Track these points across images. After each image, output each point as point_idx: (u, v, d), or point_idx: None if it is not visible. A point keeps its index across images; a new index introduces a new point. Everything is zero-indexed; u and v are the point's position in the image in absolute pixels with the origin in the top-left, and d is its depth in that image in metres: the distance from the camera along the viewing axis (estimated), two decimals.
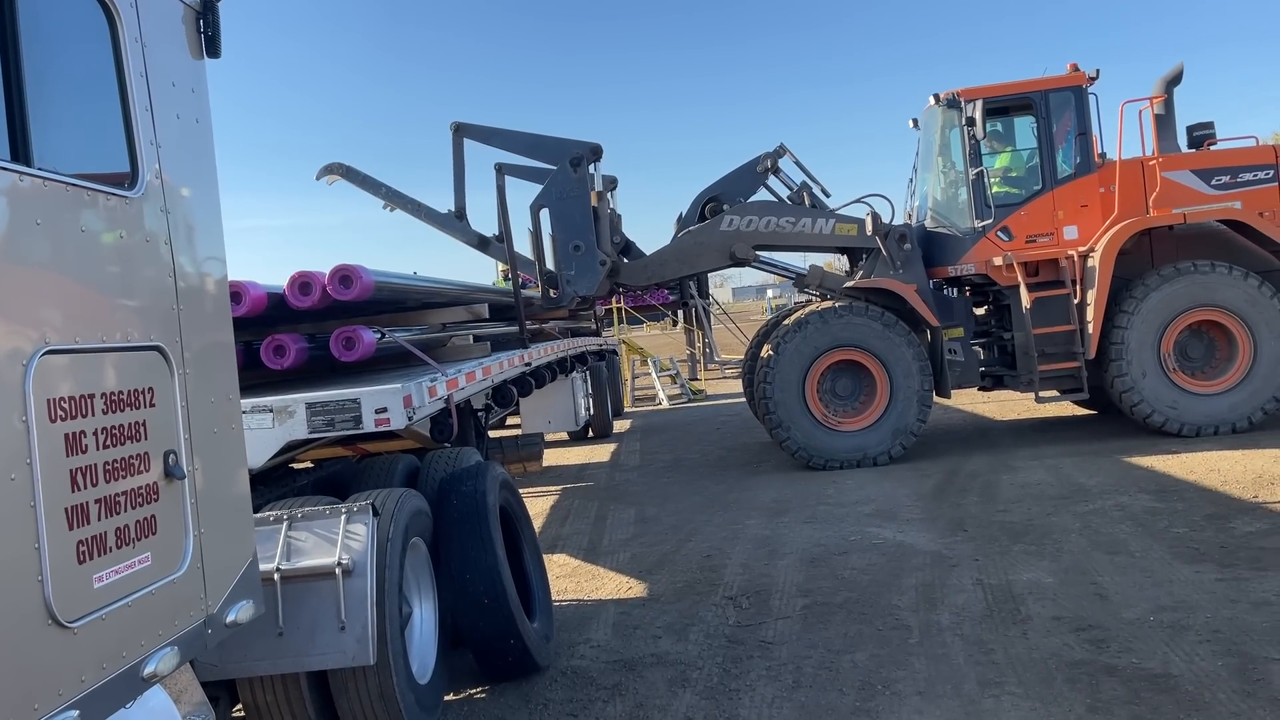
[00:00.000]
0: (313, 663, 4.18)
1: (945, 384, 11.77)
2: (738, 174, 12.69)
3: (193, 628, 3.04)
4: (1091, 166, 11.59)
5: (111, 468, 2.69)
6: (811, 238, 12.27)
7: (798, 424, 11.42)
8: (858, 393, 11.67)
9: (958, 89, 11.76)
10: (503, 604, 5.32)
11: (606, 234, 11.90)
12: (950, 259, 11.97)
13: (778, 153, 12.54)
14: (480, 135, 12.23)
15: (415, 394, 5.08)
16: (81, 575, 2.55)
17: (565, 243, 11.68)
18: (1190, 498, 8.44)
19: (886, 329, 11.38)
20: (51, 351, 2.50)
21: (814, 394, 11.49)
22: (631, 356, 23.00)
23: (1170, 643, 5.33)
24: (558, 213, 11.67)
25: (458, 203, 12.45)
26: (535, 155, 11.98)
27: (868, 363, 11.48)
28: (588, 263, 11.68)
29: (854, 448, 11.39)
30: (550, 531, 9.51)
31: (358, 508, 4.45)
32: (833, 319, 11.48)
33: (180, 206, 3.18)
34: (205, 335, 3.29)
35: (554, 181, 11.65)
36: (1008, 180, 12.05)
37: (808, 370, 11.45)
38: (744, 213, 12.18)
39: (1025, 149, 12.09)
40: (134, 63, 2.97)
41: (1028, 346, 11.46)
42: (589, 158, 11.69)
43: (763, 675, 5.43)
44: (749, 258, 12.35)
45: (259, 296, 5.37)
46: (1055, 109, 11.59)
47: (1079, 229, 11.53)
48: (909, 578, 6.92)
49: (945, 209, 12.35)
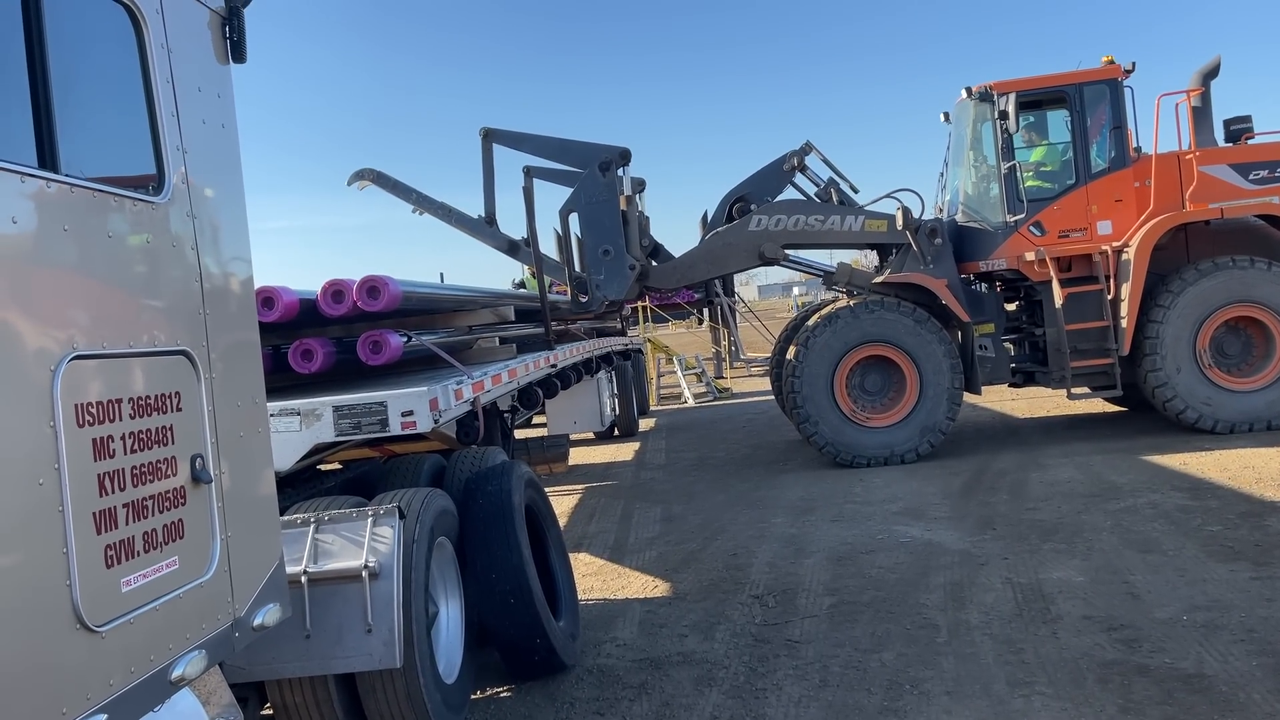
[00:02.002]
0: (339, 665, 4.20)
1: (976, 380, 11.67)
2: (764, 173, 12.63)
3: (220, 631, 3.05)
4: (1126, 161, 11.44)
5: (139, 472, 2.71)
6: (841, 235, 12.19)
7: (826, 419, 11.36)
8: (887, 389, 11.59)
9: (990, 82, 11.64)
10: (528, 603, 5.33)
11: (635, 238, 11.89)
12: (981, 254, 11.86)
13: (804, 150, 12.47)
14: (509, 140, 12.26)
15: (441, 397, 5.09)
16: (109, 579, 2.56)
17: (594, 247, 11.69)
18: (1224, 495, 8.32)
19: (917, 325, 11.30)
20: (79, 356, 2.52)
21: (843, 389, 11.42)
22: (657, 355, 22.98)
23: (1204, 642, 5.26)
24: (587, 217, 11.68)
25: (487, 208, 12.49)
26: (564, 160, 11.99)
27: (897, 359, 11.40)
28: (617, 267, 11.69)
29: (882, 444, 11.32)
30: (576, 530, 9.52)
31: (384, 510, 4.46)
32: (863, 314, 11.41)
33: (206, 211, 3.20)
34: (231, 339, 3.31)
35: (583, 186, 11.65)
36: (1040, 174, 11.92)
37: (837, 365, 11.38)
38: (772, 212, 12.12)
39: (1058, 143, 11.95)
40: (160, 68, 2.99)
41: (1060, 343, 11.33)
42: (618, 162, 11.70)
43: (789, 674, 5.41)
44: (778, 257, 12.30)
45: (291, 303, 5.41)
46: (1090, 102, 11.45)
47: (1113, 224, 11.39)
48: (937, 576, 6.87)
49: (977, 203, 12.24)
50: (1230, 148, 11.57)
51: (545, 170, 12.08)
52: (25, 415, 2.35)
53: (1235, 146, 11.58)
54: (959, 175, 12.65)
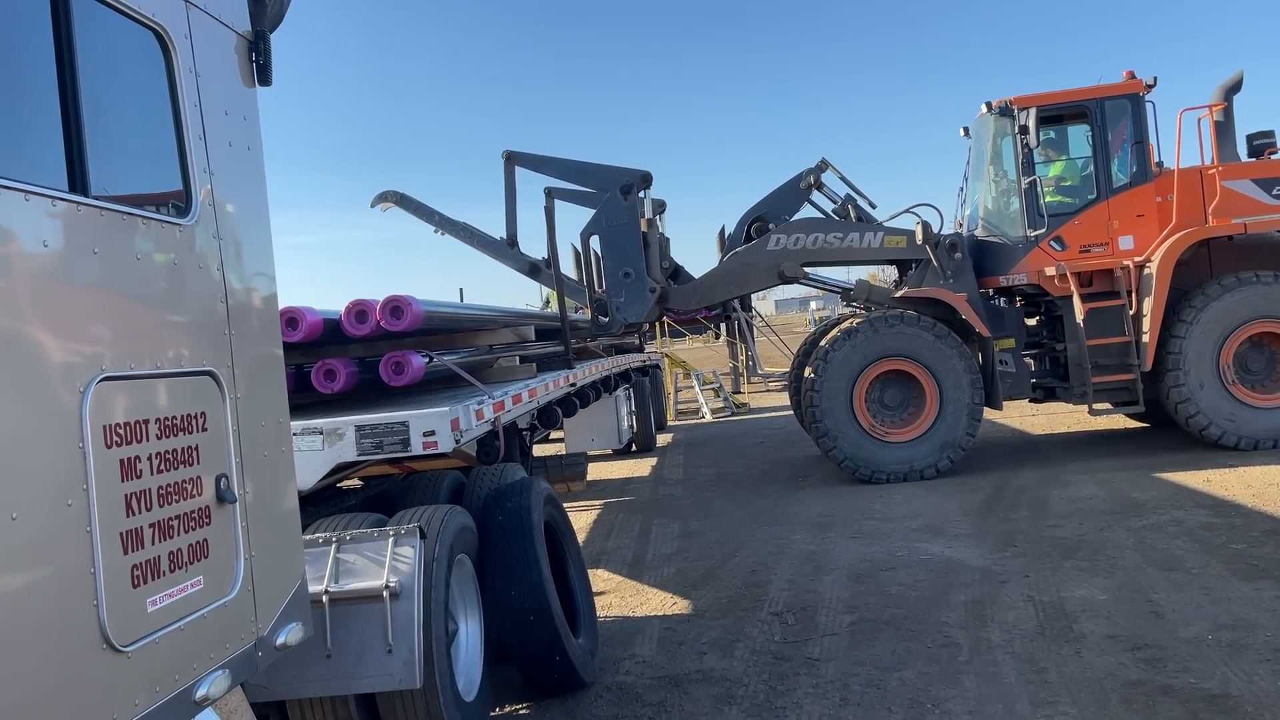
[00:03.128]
0: (360, 685, 4.21)
1: (996, 395, 11.60)
2: (781, 192, 12.65)
3: (244, 650, 3.07)
4: (1148, 175, 11.38)
5: (165, 492, 2.74)
6: (860, 252, 12.18)
7: (844, 433, 11.31)
8: (906, 404, 11.54)
9: (1010, 97, 11.63)
10: (548, 619, 5.33)
11: (656, 260, 11.93)
12: (1001, 269, 11.82)
13: (820, 168, 12.50)
14: (531, 163, 12.35)
15: (463, 417, 5.11)
16: (136, 599, 2.58)
17: (615, 270, 11.73)
18: (1248, 513, 8.25)
19: (938, 340, 11.25)
20: (107, 378, 2.55)
21: (862, 404, 11.38)
22: (674, 370, 22.97)
23: (1229, 662, 5.20)
24: (608, 240, 11.74)
25: (509, 229, 12.56)
26: (585, 183, 12.07)
27: (917, 373, 11.35)
28: (637, 290, 11.72)
29: (901, 459, 11.27)
30: (594, 546, 9.51)
31: (405, 530, 4.47)
32: (883, 328, 11.37)
33: (232, 232, 3.23)
34: (256, 359, 3.34)
35: (604, 209, 11.71)
36: (1061, 189, 11.89)
37: (856, 379, 11.34)
38: (790, 231, 12.12)
39: (1079, 158, 11.93)
40: (188, 92, 3.03)
41: (1081, 358, 11.27)
42: (639, 185, 11.76)
43: (809, 692, 5.38)
44: (797, 275, 12.29)
45: (315, 323, 5.45)
46: (1111, 117, 11.43)
47: (1135, 239, 11.33)
48: (958, 594, 6.83)
49: (997, 218, 12.20)
50: (1253, 163, 11.51)
51: (566, 191, 12.16)
52: (55, 436, 2.37)
53: (1258, 161, 11.52)
54: (979, 190, 12.63)
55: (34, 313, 2.35)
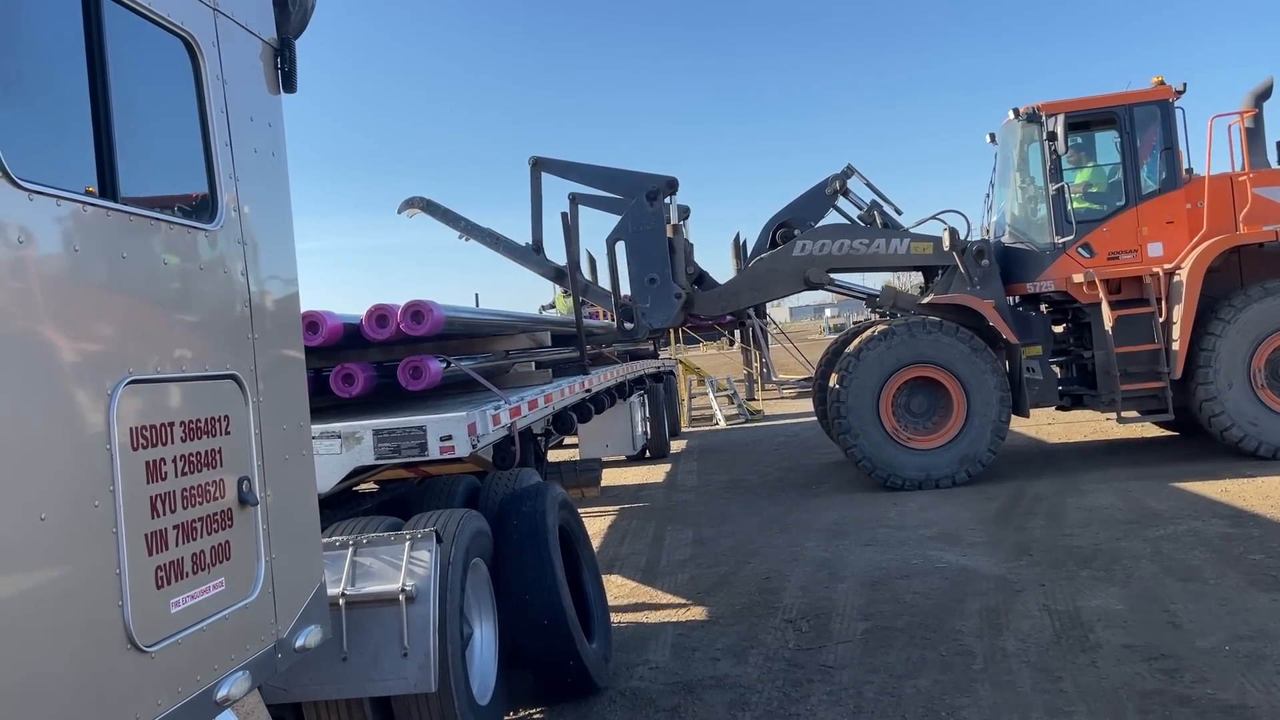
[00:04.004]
0: (376, 688, 4.23)
1: (1024, 403, 11.52)
2: (806, 198, 12.63)
3: (263, 652, 3.09)
4: (1178, 182, 11.33)
5: (189, 494, 2.77)
6: (886, 258, 12.15)
7: (867, 434, 11.26)
8: (932, 411, 11.47)
9: (1038, 103, 11.59)
10: (562, 624, 5.34)
11: (681, 266, 11.96)
12: (1029, 276, 11.77)
13: (846, 174, 12.47)
14: (557, 169, 12.40)
15: (480, 422, 5.13)
16: (159, 600, 2.61)
17: (641, 275, 11.76)
18: (1266, 524, 8.20)
19: (973, 351, 11.19)
20: (134, 381, 2.58)
21: (888, 407, 11.32)
22: (689, 376, 22.98)
23: (1246, 673, 5.18)
24: (634, 246, 11.76)
25: (535, 235, 12.60)
26: (611, 188, 12.10)
27: (947, 382, 11.28)
28: (663, 296, 11.74)
29: (920, 466, 11.22)
30: (608, 552, 9.52)
31: (422, 534, 4.49)
32: (919, 334, 11.31)
33: (256, 238, 3.26)
34: (279, 364, 3.37)
35: (630, 215, 11.74)
36: (1088, 196, 11.82)
37: (885, 382, 11.28)
38: (816, 237, 12.10)
39: (1107, 164, 11.87)
40: (215, 99, 3.07)
41: (1110, 366, 11.20)
42: (665, 191, 11.78)
43: (823, 700, 5.38)
44: (823, 281, 12.27)
45: (335, 327, 5.49)
46: (1140, 123, 11.37)
47: (1164, 246, 11.27)
48: (972, 602, 6.81)
49: (1024, 225, 12.16)
50: None
51: (591, 197, 12.21)
52: (83, 438, 2.41)
53: None
54: (1005, 196, 12.57)
55: (64, 316, 2.38)
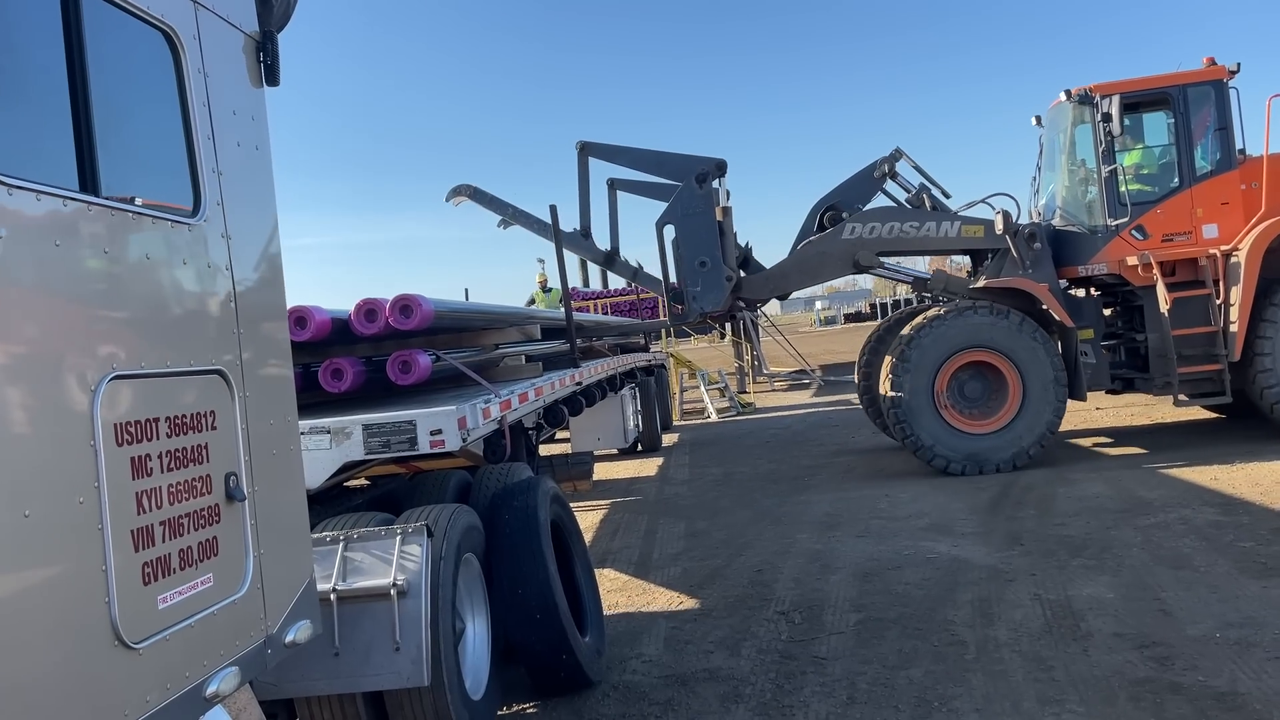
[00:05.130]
0: (368, 683, 4.22)
1: (1080, 387, 11.41)
2: (854, 181, 12.57)
3: (253, 648, 3.08)
4: (1233, 163, 11.25)
5: (175, 490, 2.75)
6: (936, 241, 12.11)
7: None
8: (985, 396, 11.39)
9: (1091, 84, 11.53)
10: (555, 618, 5.34)
11: (731, 249, 11.95)
12: (1080, 259, 11.70)
13: (894, 157, 12.40)
14: (605, 154, 12.36)
15: (470, 416, 5.12)
16: (147, 596, 2.60)
17: (691, 259, 11.72)
18: (1256, 511, 8.23)
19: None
20: (118, 376, 2.56)
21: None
22: (680, 370, 22.97)
23: (1237, 660, 5.20)
24: (683, 229, 11.73)
25: (583, 221, 12.55)
26: (660, 172, 12.06)
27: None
28: (714, 278, 11.72)
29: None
30: (600, 545, 9.52)
31: (413, 528, 4.48)
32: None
33: (241, 232, 3.25)
34: (265, 358, 3.35)
35: (679, 198, 11.71)
36: (1139, 178, 11.75)
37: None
38: (866, 220, 12.04)
39: (1157, 146, 11.81)
40: (197, 92, 3.05)
41: (1164, 349, 11.13)
42: (714, 173, 11.74)
43: (816, 691, 5.39)
44: (872, 265, 12.20)
45: (323, 322, 5.46)
46: (1194, 104, 11.29)
47: (1219, 227, 11.19)
48: (964, 593, 6.82)
49: (1074, 208, 12.12)
50: None
51: (631, 183, 12.19)
52: (67, 434, 2.39)
53: None
54: (1055, 179, 12.50)
55: (46, 312, 2.37)
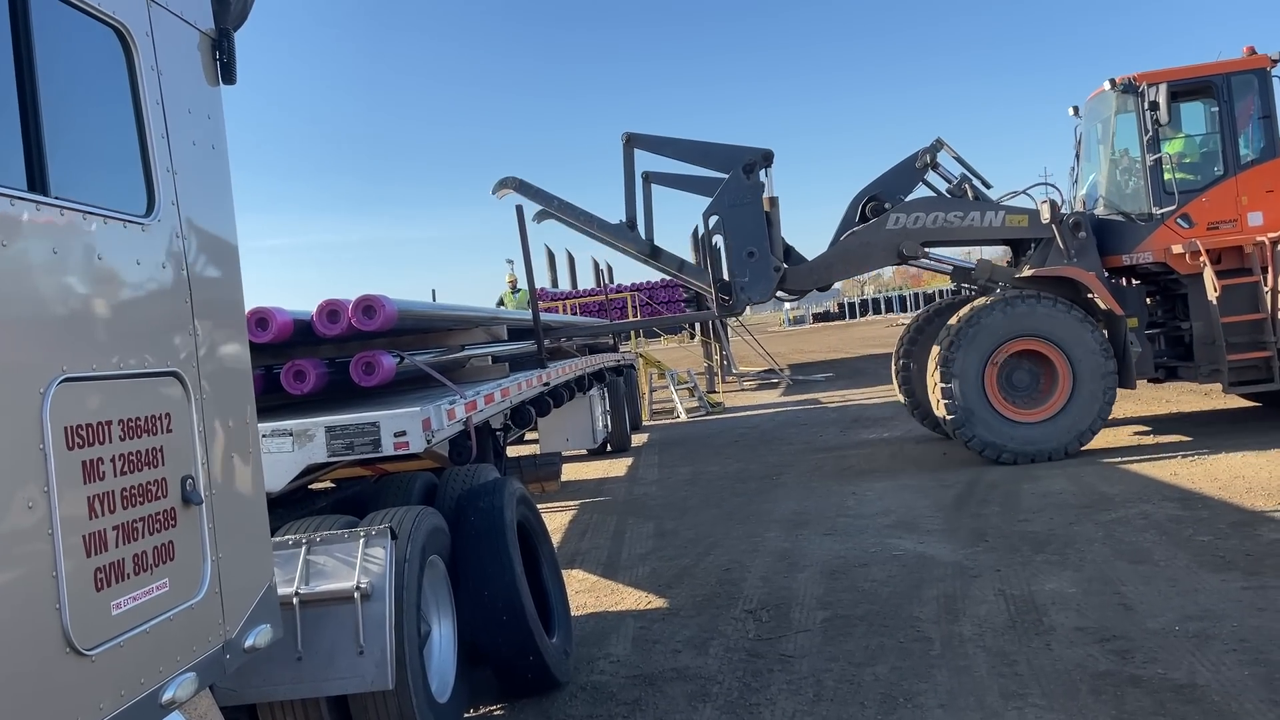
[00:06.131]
0: (331, 687, 4.18)
1: (1130, 375, 11.43)
2: (895, 171, 12.59)
3: (211, 653, 3.04)
4: (1277, 151, 11.35)
5: (129, 494, 2.71)
6: (981, 231, 12.14)
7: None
8: (1034, 385, 11.41)
9: (1134, 74, 11.60)
10: (521, 620, 5.32)
11: (779, 240, 11.98)
12: (1124, 247, 11.77)
13: (935, 147, 12.42)
14: (651, 145, 12.34)
15: (434, 417, 5.09)
16: (99, 602, 2.55)
17: (739, 249, 11.74)
18: (1215, 505, 8.35)
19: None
20: (69, 379, 2.52)
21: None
22: (649, 370, 22.99)
23: (1196, 652, 5.27)
24: (731, 219, 11.74)
25: (629, 213, 12.51)
26: (706, 163, 12.07)
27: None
28: (761, 269, 11.75)
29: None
30: (569, 546, 9.50)
31: (376, 531, 4.45)
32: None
33: (196, 232, 3.20)
34: (222, 360, 3.31)
35: (727, 188, 11.72)
36: (1182, 166, 11.80)
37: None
38: (910, 210, 12.07)
39: (1197, 135, 11.89)
40: (150, 90, 3.00)
41: (1210, 336, 11.18)
42: (761, 163, 11.76)
43: (783, 689, 5.40)
44: (917, 255, 12.22)
45: (285, 323, 5.41)
46: (1237, 93, 11.38)
47: (1265, 215, 11.26)
48: (930, 589, 6.87)
49: (1117, 197, 12.19)
50: None
51: (666, 176, 12.19)
52: (15, 438, 2.34)
53: None
54: (1096, 169, 12.57)
55: None
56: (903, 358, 13.62)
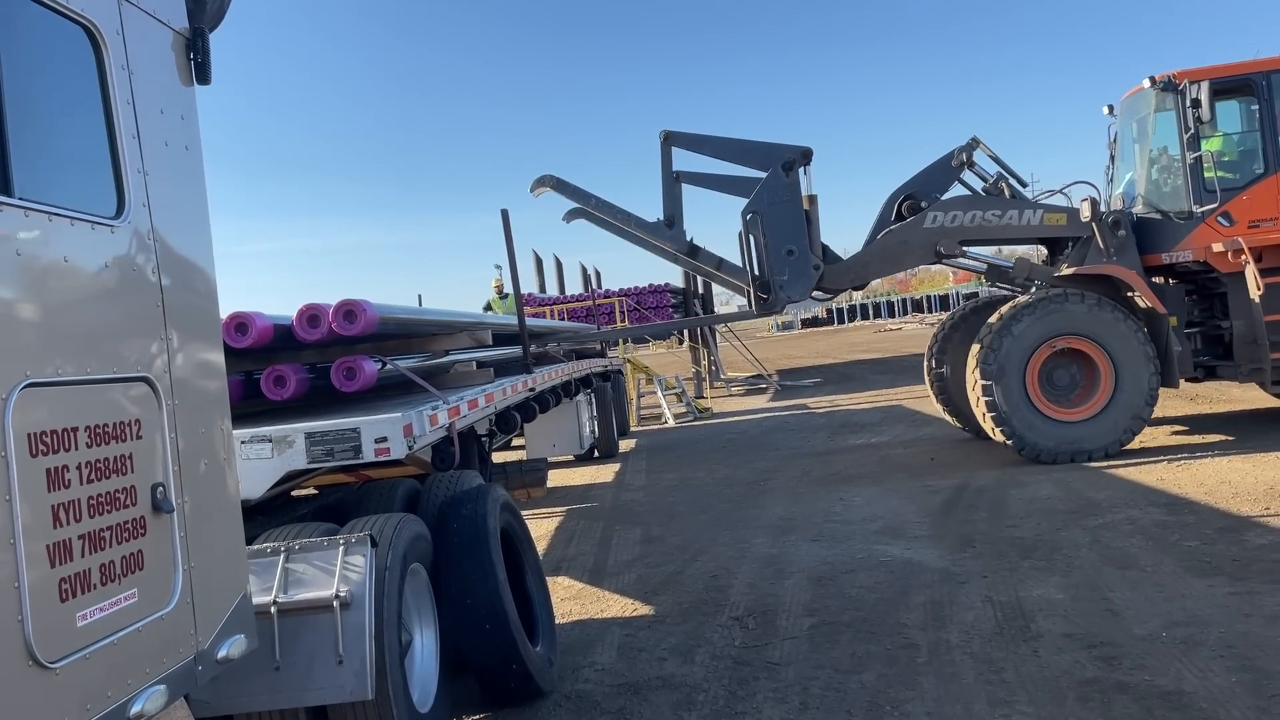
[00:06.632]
0: (310, 698, 4.11)
1: (1173, 373, 11.34)
2: (931, 170, 12.55)
3: (182, 665, 2.97)
4: None
5: (96, 502, 2.64)
6: (1019, 229, 12.11)
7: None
8: (1074, 384, 11.37)
9: (1173, 71, 11.57)
10: (504, 628, 5.26)
11: (818, 238, 11.96)
12: (1163, 246, 11.69)
13: (971, 145, 12.39)
14: (689, 143, 12.31)
15: (416, 423, 5.04)
16: (64, 614, 2.49)
17: (778, 247, 11.71)
18: (1201, 511, 8.34)
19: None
20: (32, 384, 2.46)
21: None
22: (637, 375, 22.94)
23: (1183, 659, 5.24)
24: (770, 218, 11.71)
25: (666, 211, 12.47)
26: (744, 161, 12.05)
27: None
28: (801, 267, 11.73)
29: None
30: (554, 553, 9.43)
31: (355, 538, 4.39)
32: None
33: (169, 234, 3.14)
34: (195, 365, 3.24)
35: (766, 186, 11.70)
36: (1222, 164, 11.76)
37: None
38: (948, 208, 12.04)
39: (1237, 133, 11.88)
40: (120, 90, 2.95)
41: (1251, 335, 11.13)
42: (800, 161, 11.75)
43: (769, 697, 5.35)
44: (954, 253, 12.18)
45: (265, 328, 5.34)
46: (1278, 90, 11.33)
47: None
48: (917, 595, 6.83)
49: (1156, 195, 12.15)
50: None
51: (698, 176, 12.18)
52: None
53: None
54: (1133, 167, 12.54)
55: None
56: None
